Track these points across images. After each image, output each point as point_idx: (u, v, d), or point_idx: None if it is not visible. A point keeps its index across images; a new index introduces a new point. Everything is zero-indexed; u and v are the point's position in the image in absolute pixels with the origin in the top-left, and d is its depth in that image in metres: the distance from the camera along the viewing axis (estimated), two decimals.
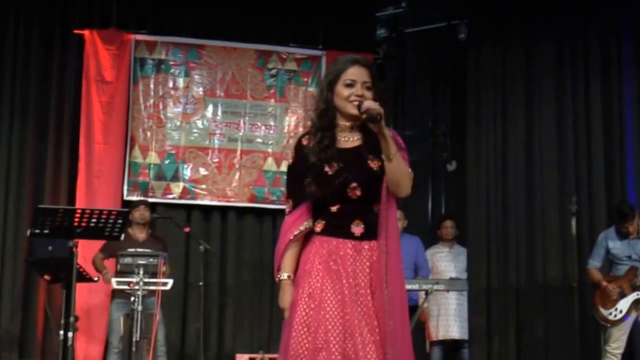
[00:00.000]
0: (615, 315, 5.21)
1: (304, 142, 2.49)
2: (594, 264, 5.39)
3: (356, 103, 2.43)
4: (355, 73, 2.46)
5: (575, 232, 5.41)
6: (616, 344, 5.20)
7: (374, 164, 2.44)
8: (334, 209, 2.44)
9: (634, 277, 5.18)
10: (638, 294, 5.16)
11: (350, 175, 2.42)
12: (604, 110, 6.08)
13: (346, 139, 2.49)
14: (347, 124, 2.49)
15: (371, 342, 2.33)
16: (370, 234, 2.44)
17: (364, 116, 2.39)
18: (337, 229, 2.43)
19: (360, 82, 2.45)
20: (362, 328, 2.34)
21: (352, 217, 2.44)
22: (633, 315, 5.21)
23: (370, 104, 2.38)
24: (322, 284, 2.39)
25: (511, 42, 6.48)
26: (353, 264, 2.41)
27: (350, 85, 2.45)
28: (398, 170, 2.39)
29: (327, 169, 2.42)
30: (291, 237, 2.45)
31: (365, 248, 2.43)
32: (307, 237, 2.47)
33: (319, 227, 2.46)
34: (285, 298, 2.44)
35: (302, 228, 2.45)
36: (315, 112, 2.52)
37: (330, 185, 2.41)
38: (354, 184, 2.42)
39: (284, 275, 2.47)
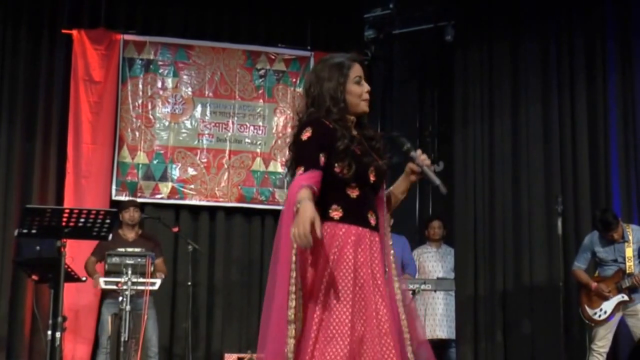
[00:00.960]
0: (599, 316, 5.26)
1: (328, 124, 2.44)
2: (579, 265, 5.44)
3: (367, 102, 2.54)
4: (360, 70, 2.55)
5: (561, 232, 5.46)
6: (602, 342, 5.26)
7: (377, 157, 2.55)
8: (353, 194, 2.44)
9: (620, 279, 5.24)
10: (623, 296, 5.22)
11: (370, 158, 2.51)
12: (589, 110, 6.15)
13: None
14: (350, 118, 2.54)
15: (389, 332, 2.36)
16: (378, 225, 2.51)
17: (421, 172, 2.52)
18: (358, 217, 2.44)
19: (363, 77, 2.55)
20: (380, 318, 2.36)
21: (368, 206, 2.48)
22: (618, 315, 5.27)
23: (427, 160, 2.51)
24: (346, 274, 2.37)
25: (497, 43, 6.53)
26: (370, 253, 2.44)
27: (358, 82, 2.53)
28: (402, 199, 2.64)
29: (356, 149, 2.46)
30: (305, 184, 2.28)
31: (376, 240, 2.48)
32: (323, 220, 2.37)
33: (336, 215, 2.42)
34: (309, 212, 2.17)
35: (314, 187, 2.31)
36: (331, 106, 2.47)
37: (362, 164, 2.44)
38: (372, 167, 2.48)
39: (305, 198, 2.23)
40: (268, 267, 2.47)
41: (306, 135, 2.41)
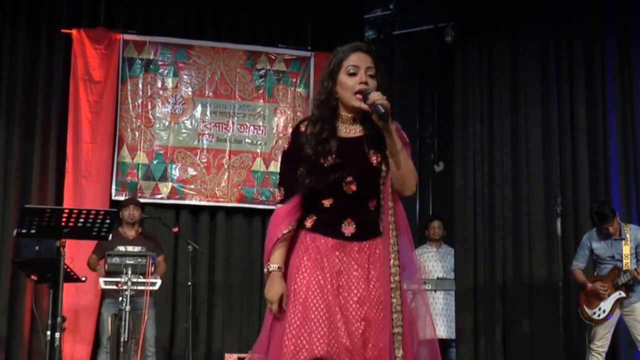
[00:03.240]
0: (599, 315, 5.28)
1: (302, 128, 2.35)
2: (578, 264, 5.46)
3: (360, 96, 2.28)
4: (358, 59, 2.32)
5: (560, 232, 5.47)
6: (600, 342, 5.27)
7: (374, 159, 2.32)
8: (327, 204, 2.31)
9: (617, 276, 5.25)
10: (620, 293, 5.23)
11: (347, 169, 2.29)
12: (588, 111, 6.17)
13: (347, 130, 2.35)
14: (349, 115, 2.35)
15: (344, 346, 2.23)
16: (361, 234, 2.32)
17: (370, 109, 2.23)
18: (327, 227, 2.31)
19: (364, 68, 2.32)
20: (339, 329, 2.25)
21: (344, 215, 2.31)
22: (616, 313, 5.28)
23: (377, 96, 2.22)
24: (309, 281, 2.28)
25: (497, 44, 6.54)
26: (339, 264, 2.30)
27: (353, 74, 2.31)
28: (403, 167, 2.29)
29: (322, 161, 2.29)
30: (280, 236, 2.32)
31: (354, 250, 2.32)
32: (298, 228, 2.36)
33: (309, 223, 2.33)
34: (273, 290, 2.31)
35: (290, 228, 2.32)
36: (314, 103, 2.38)
37: (325, 179, 2.28)
38: (350, 178, 2.29)
39: (273, 267, 2.33)
40: None
41: (286, 144, 2.40)
